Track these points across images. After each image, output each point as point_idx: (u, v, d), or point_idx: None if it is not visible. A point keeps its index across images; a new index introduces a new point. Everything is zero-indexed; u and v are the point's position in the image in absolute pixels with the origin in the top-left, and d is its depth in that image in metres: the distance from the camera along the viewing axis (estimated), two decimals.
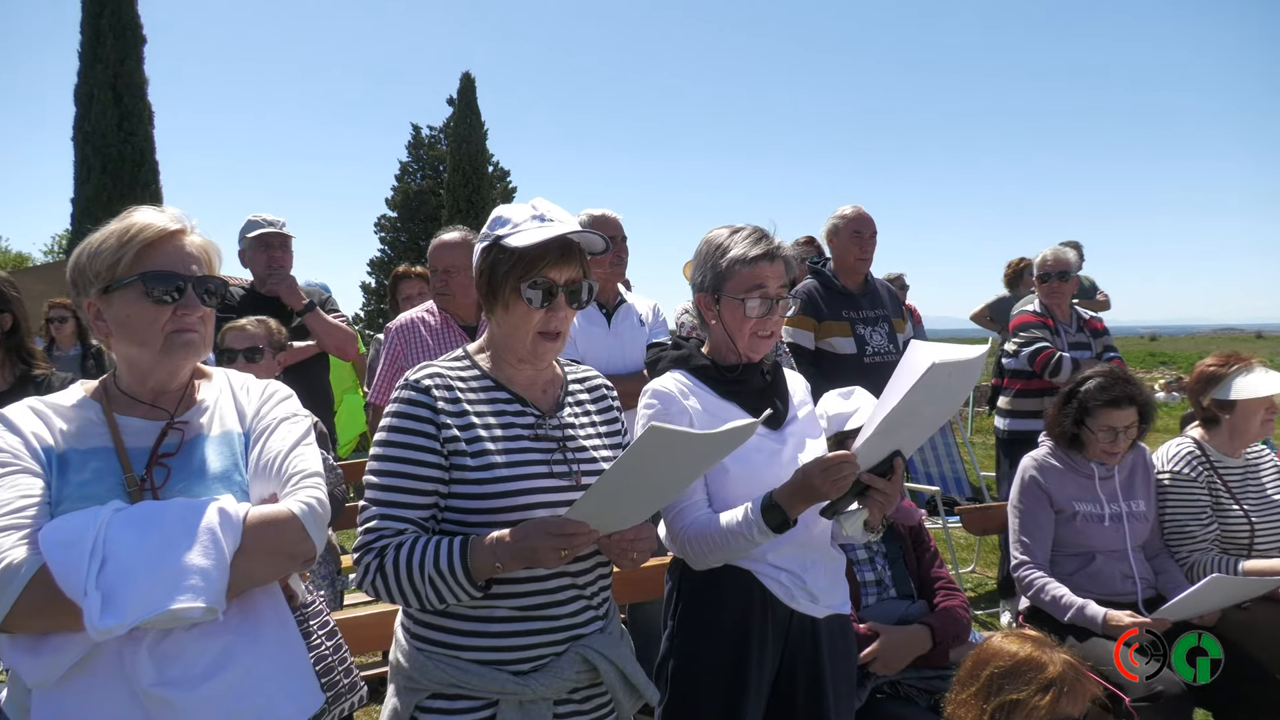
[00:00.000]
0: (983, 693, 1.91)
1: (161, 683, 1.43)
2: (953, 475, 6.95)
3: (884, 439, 1.87)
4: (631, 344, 3.63)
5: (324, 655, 2.07)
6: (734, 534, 1.98)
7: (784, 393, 2.26)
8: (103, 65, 16.18)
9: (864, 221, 4.46)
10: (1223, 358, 3.40)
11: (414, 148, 34.72)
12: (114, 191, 15.35)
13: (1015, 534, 3.19)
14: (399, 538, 1.67)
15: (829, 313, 4.38)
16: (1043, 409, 4.78)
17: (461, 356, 1.87)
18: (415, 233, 32.51)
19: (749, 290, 2.11)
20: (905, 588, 2.77)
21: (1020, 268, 7.85)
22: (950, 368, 1.78)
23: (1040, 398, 4.81)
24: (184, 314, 1.58)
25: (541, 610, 1.74)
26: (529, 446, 1.77)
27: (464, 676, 1.70)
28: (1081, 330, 4.98)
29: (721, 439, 1.60)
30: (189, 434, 1.61)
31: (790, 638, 2.13)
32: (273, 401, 1.73)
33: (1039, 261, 5.04)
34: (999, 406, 5.18)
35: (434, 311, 3.82)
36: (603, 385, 2.02)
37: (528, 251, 1.73)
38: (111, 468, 1.52)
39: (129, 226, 1.57)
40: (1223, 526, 3.26)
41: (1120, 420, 3.07)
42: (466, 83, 28.83)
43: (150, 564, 1.38)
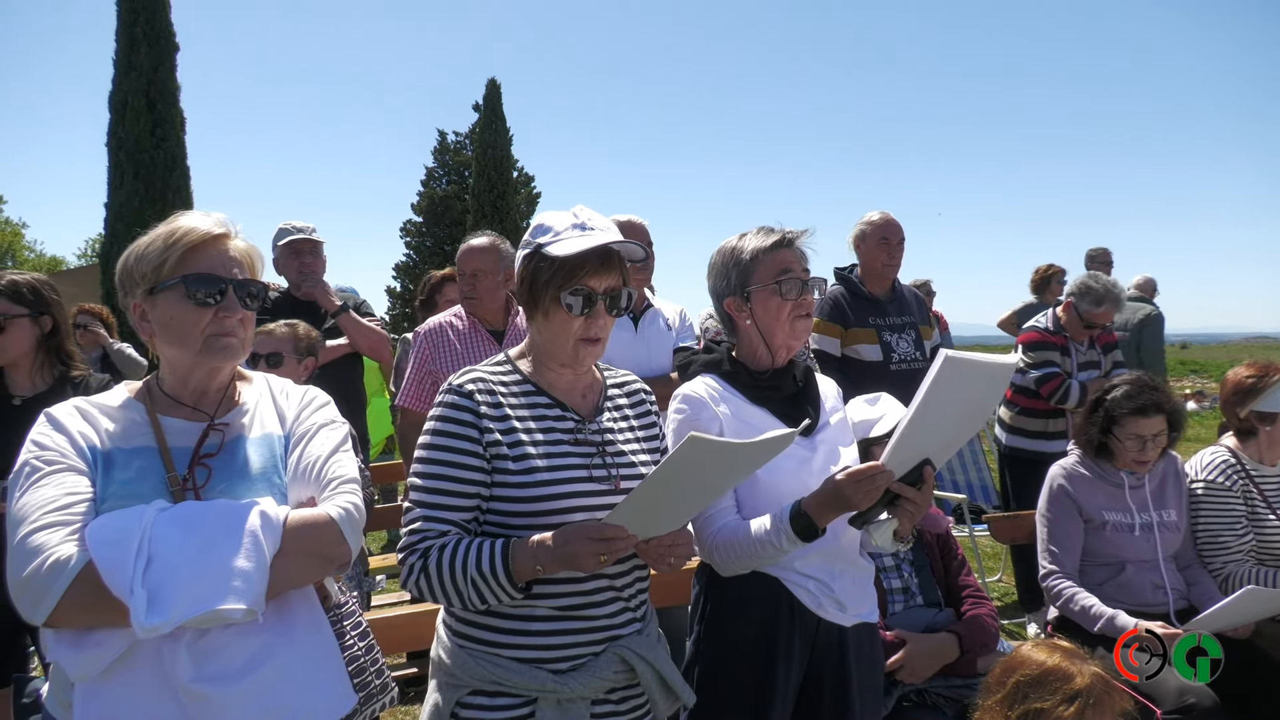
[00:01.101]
0: (1007, 700, 1.90)
1: (200, 679, 1.46)
2: (979, 483, 6.89)
3: (912, 446, 1.87)
4: (658, 348, 3.65)
5: (356, 656, 2.10)
6: (762, 542, 1.99)
7: (816, 399, 2.26)
8: (137, 73, 16.43)
9: (892, 228, 4.43)
10: (1259, 368, 3.34)
11: (440, 153, 35.00)
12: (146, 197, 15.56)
13: (1043, 543, 3.16)
14: (442, 539, 1.71)
15: (855, 319, 4.36)
16: (1046, 431, 4.73)
17: (503, 361, 1.90)
18: (441, 238, 32.75)
19: (778, 275, 2.13)
20: (932, 595, 2.75)
21: (1049, 274, 7.73)
22: (968, 368, 1.79)
23: (1045, 419, 4.74)
24: (224, 316, 1.61)
25: (580, 611, 1.77)
26: (569, 451, 1.80)
27: (504, 674, 1.73)
28: (1093, 347, 4.80)
29: (759, 448, 1.63)
30: (230, 435, 1.64)
31: (817, 646, 2.13)
32: (312, 407, 1.77)
33: (1087, 287, 4.66)
34: (1000, 419, 5.06)
35: (461, 316, 3.86)
36: (641, 390, 2.04)
37: (568, 260, 1.76)
38: (155, 467, 1.56)
39: (174, 230, 1.61)
40: (1259, 537, 3.21)
41: (1148, 429, 3.03)
42: (492, 89, 28.99)
43: (195, 564, 1.41)
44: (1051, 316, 4.88)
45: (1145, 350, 6.31)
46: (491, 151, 27.93)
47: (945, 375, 1.77)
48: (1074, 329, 4.78)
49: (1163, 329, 6.53)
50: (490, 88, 28.95)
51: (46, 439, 1.53)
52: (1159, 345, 6.44)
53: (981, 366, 1.82)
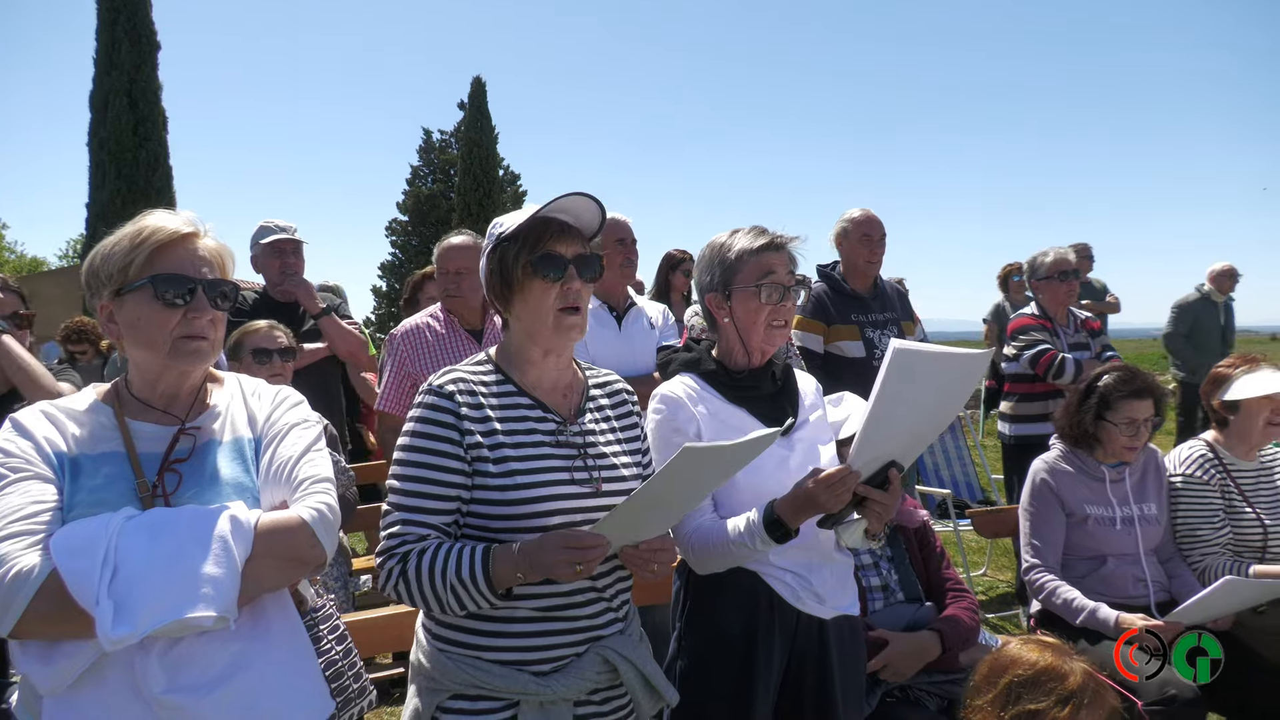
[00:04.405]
0: (1000, 701, 1.89)
1: (172, 689, 1.44)
2: (964, 478, 6.91)
3: (877, 443, 1.88)
4: (642, 347, 3.64)
5: (334, 660, 2.08)
6: (737, 543, 2.00)
7: (795, 397, 2.26)
8: (118, 72, 16.32)
9: (873, 224, 4.44)
10: (1234, 359, 3.38)
11: (425, 152, 34.89)
12: (128, 197, 15.46)
13: (1026, 537, 3.18)
14: (421, 544, 1.68)
15: (838, 316, 4.37)
16: (1047, 412, 4.72)
17: (484, 361, 1.88)
18: (426, 236, 32.65)
19: (760, 278, 2.12)
20: (913, 591, 2.75)
21: (1008, 273, 7.91)
22: (923, 359, 1.79)
23: (1044, 401, 4.73)
24: (194, 317, 1.58)
25: (562, 612, 1.76)
26: (550, 453, 1.78)
27: (485, 677, 1.71)
28: (1080, 331, 4.86)
29: (745, 448, 1.64)
30: (201, 439, 1.62)
31: (798, 639, 2.13)
32: (284, 407, 1.74)
33: (1039, 263, 4.87)
34: (1002, 412, 5.07)
35: (439, 316, 3.83)
36: (623, 390, 2.02)
37: (530, 231, 1.77)
38: (123, 473, 1.53)
39: (141, 229, 1.58)
40: (1235, 530, 3.23)
41: (1141, 412, 3.07)
42: (477, 87, 28.93)
43: (162, 572, 1.39)
44: (1035, 303, 4.95)
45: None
46: (477, 150, 27.88)
47: (899, 366, 1.78)
48: (1056, 309, 4.84)
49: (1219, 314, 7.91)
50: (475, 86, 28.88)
51: (11, 445, 1.50)
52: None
53: (939, 357, 1.82)
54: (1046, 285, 4.84)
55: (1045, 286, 4.85)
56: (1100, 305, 7.76)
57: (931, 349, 1.83)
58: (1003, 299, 8.01)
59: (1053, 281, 4.81)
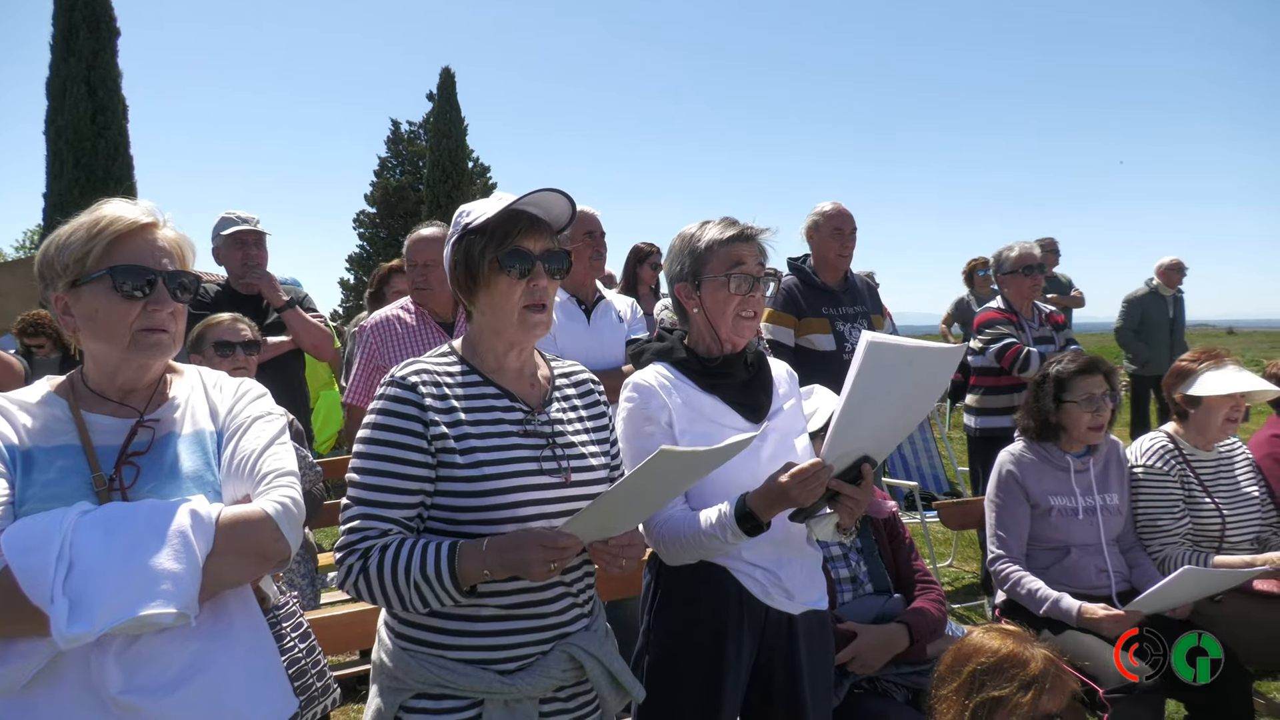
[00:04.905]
0: (965, 689, 1.92)
1: (130, 689, 1.41)
2: (930, 471, 6.99)
3: (850, 436, 1.88)
4: (611, 341, 3.63)
5: (297, 658, 2.05)
6: (708, 535, 1.99)
7: (768, 385, 2.26)
8: (76, 58, 15.93)
9: (844, 218, 4.46)
10: (1199, 353, 3.44)
11: (393, 143, 34.52)
12: (87, 186, 15.11)
13: (992, 528, 3.21)
14: (384, 539, 1.65)
15: (809, 309, 4.38)
16: (1013, 405, 4.78)
17: (448, 352, 1.85)
18: (395, 229, 32.31)
19: (729, 268, 2.13)
20: (881, 582, 2.77)
21: (973, 268, 8.02)
22: (895, 352, 1.80)
23: (1010, 394, 4.78)
24: (154, 310, 1.54)
25: (528, 609, 1.73)
26: (518, 443, 1.76)
27: (449, 676, 1.68)
28: (1044, 325, 4.94)
29: (722, 452, 1.63)
30: (160, 432, 1.58)
31: (766, 634, 2.13)
32: (246, 400, 1.70)
33: (1005, 257, 4.93)
34: (968, 405, 5.13)
35: (409, 309, 3.80)
36: (589, 380, 2.01)
37: (498, 225, 1.74)
38: (78, 467, 1.49)
39: (99, 219, 1.54)
40: (1194, 520, 3.30)
41: (1096, 386, 3.15)
42: (446, 78, 28.63)
43: (119, 568, 1.35)
44: (1001, 297, 5.02)
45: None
46: (446, 141, 27.61)
47: (872, 360, 1.78)
48: (1021, 303, 4.91)
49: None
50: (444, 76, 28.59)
51: None
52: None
53: (911, 351, 1.83)
54: (1012, 279, 4.91)
55: (1010, 281, 4.92)
56: (1065, 299, 7.89)
57: (905, 343, 1.84)
58: (967, 293, 8.10)
59: (1017, 276, 4.88)
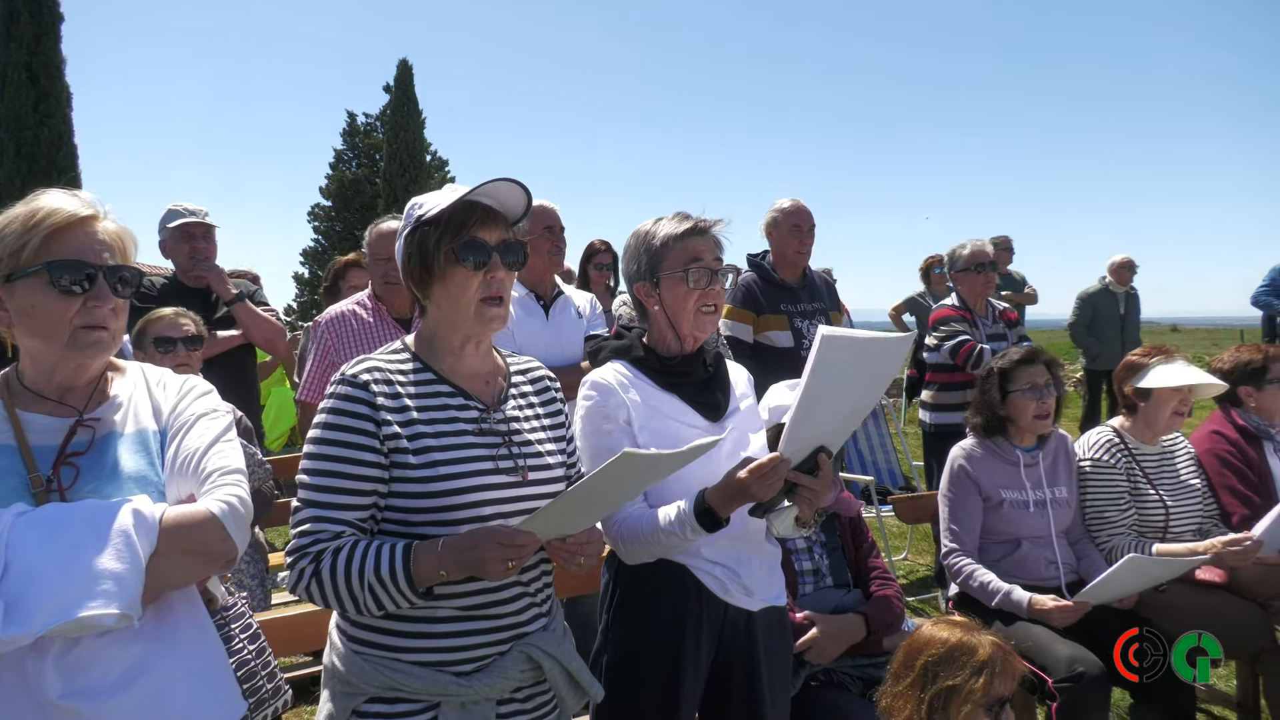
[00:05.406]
0: (919, 682, 1.95)
1: (70, 694, 1.36)
2: (886, 465, 7.08)
3: (806, 430, 1.90)
4: (569, 336, 3.61)
5: (246, 660, 2.00)
6: (667, 532, 1.99)
7: (726, 385, 2.27)
8: (17, 44, 15.45)
9: (803, 215, 4.49)
10: (1149, 348, 3.54)
11: (349, 135, 34.01)
12: (29, 177, 14.66)
13: (945, 522, 3.27)
14: (336, 541, 1.61)
15: (768, 306, 4.41)
16: (966, 401, 4.87)
17: (400, 349, 1.81)
18: (351, 222, 31.85)
19: (687, 263, 2.13)
20: (842, 577, 2.80)
21: (929, 265, 8.15)
22: (850, 345, 1.82)
23: (963, 390, 4.84)
24: (95, 306, 1.49)
25: (485, 610, 1.71)
26: (474, 442, 1.72)
27: (404, 679, 1.65)
28: (998, 322, 5.03)
29: (685, 455, 1.63)
30: (100, 431, 1.53)
31: (725, 632, 2.14)
32: (190, 397, 1.65)
33: (958, 255, 5.00)
34: (923, 401, 5.21)
35: (365, 304, 3.73)
36: (546, 377, 1.98)
37: (453, 216, 1.71)
38: (14, 467, 1.44)
39: (35, 211, 1.48)
40: (1140, 511, 3.39)
41: (1038, 375, 3.24)
42: (404, 70, 28.30)
43: (58, 568, 1.31)
44: (956, 295, 5.10)
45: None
46: (403, 134, 27.32)
47: (827, 353, 1.80)
48: (974, 301, 4.99)
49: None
50: (402, 68, 28.27)
51: None
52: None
53: (865, 343, 1.85)
54: (965, 277, 4.99)
55: (964, 278, 5.00)
56: (1018, 297, 8.04)
57: (857, 334, 1.86)
58: (923, 289, 8.22)
59: (970, 273, 4.96)
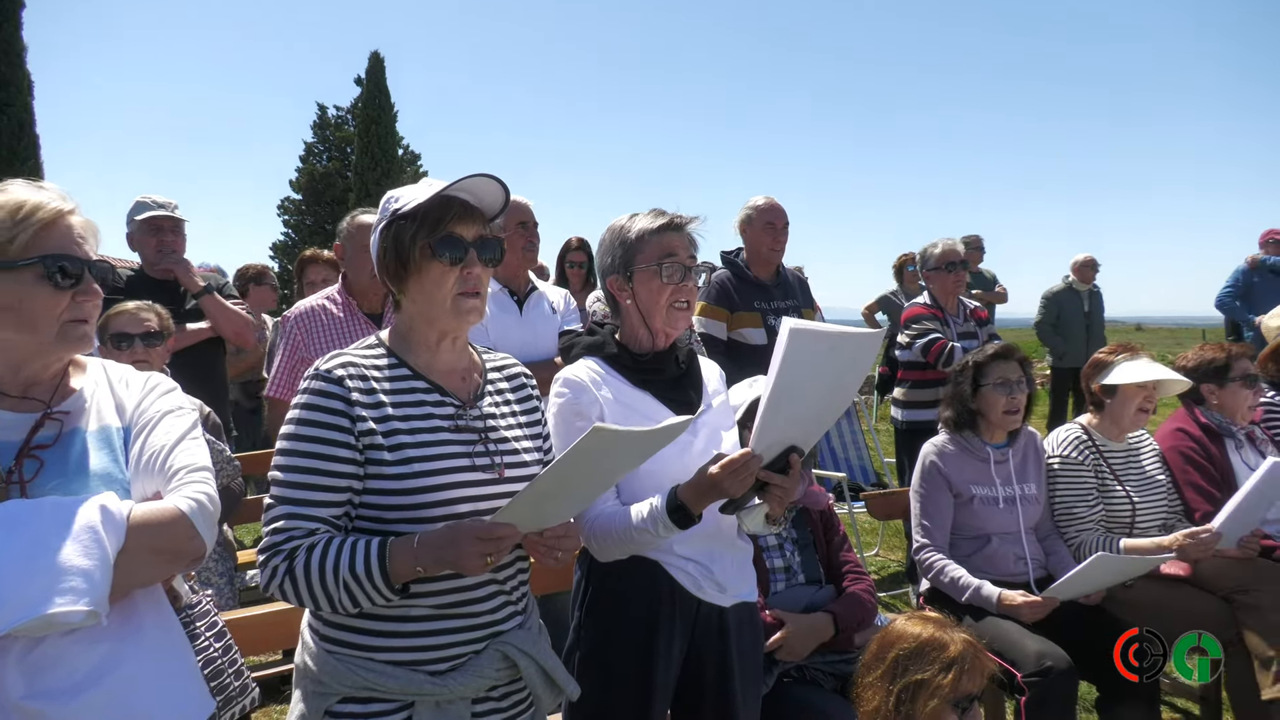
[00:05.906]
0: (889, 674, 1.98)
1: (33, 694, 1.34)
2: (858, 462, 7.15)
3: (777, 426, 1.90)
4: (544, 332, 3.59)
5: (212, 658, 1.97)
6: (639, 529, 1.98)
7: (698, 382, 2.27)
8: None
9: (777, 212, 4.51)
10: (1115, 346, 3.60)
11: (320, 128, 33.56)
12: None
13: (917, 518, 3.30)
14: (310, 539, 1.58)
15: (741, 303, 4.42)
16: (938, 398, 4.94)
17: (375, 344, 1.78)
18: (321, 216, 31.45)
19: (661, 258, 2.13)
20: (814, 573, 2.81)
21: (902, 263, 8.25)
22: (818, 339, 1.82)
23: (935, 388, 4.90)
24: (83, 300, 1.48)
25: (461, 608, 1.69)
26: (449, 439, 1.71)
27: (378, 679, 1.63)
28: (968, 320, 5.09)
29: (656, 435, 1.62)
30: (66, 426, 1.50)
31: (697, 628, 2.14)
32: (155, 394, 1.62)
33: (929, 254, 5.06)
34: (895, 398, 5.26)
35: (335, 299, 3.69)
36: (521, 373, 1.97)
37: (430, 210, 1.69)
38: None
39: (21, 203, 1.45)
40: (1107, 507, 3.44)
41: (1010, 371, 3.29)
42: (375, 63, 27.98)
43: (23, 565, 1.29)
44: (928, 293, 5.15)
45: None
46: (375, 128, 27.03)
47: (795, 347, 1.80)
48: (946, 299, 5.05)
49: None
50: (373, 61, 27.95)
51: None
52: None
53: (833, 336, 1.85)
54: (936, 275, 5.04)
55: (935, 277, 5.05)
56: (989, 295, 8.14)
57: (825, 328, 1.85)
58: (896, 288, 8.29)
59: (941, 272, 5.01)
